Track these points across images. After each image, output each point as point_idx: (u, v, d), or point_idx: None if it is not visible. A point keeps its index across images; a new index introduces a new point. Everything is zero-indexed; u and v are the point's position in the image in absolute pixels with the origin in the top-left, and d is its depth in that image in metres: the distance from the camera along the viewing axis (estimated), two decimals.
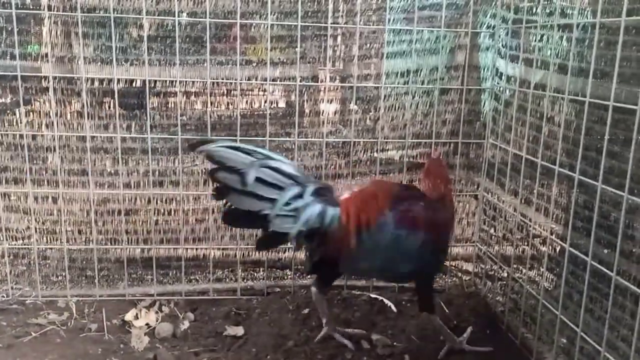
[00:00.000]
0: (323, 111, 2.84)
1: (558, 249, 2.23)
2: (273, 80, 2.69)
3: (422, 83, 2.79)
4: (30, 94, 2.58)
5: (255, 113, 2.79)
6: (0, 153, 2.63)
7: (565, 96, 2.04)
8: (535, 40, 2.34)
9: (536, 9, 2.34)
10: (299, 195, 1.97)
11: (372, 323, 2.55)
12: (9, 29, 2.46)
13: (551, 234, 2.25)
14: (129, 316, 2.55)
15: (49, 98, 2.56)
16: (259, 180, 1.90)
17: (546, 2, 2.26)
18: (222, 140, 2.06)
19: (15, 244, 2.74)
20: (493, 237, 2.77)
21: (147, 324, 2.52)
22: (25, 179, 2.61)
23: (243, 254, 2.87)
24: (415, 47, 2.69)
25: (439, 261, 2.27)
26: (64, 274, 2.72)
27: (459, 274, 3.03)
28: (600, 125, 1.92)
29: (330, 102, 2.85)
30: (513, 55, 2.51)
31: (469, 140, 2.85)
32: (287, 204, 1.94)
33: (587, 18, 2.07)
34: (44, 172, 2.67)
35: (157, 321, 2.54)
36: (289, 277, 2.90)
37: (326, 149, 2.76)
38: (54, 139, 2.61)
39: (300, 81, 2.67)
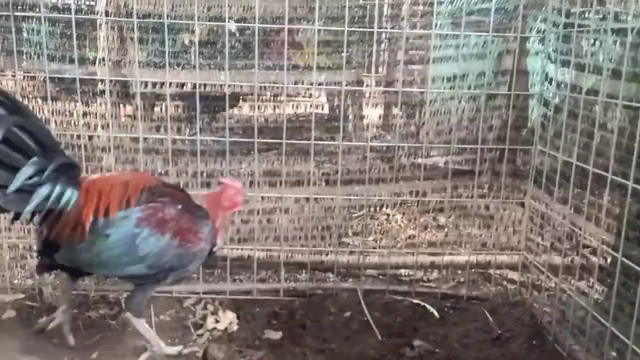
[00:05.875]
0: (367, 115, 2.85)
1: (609, 259, 2.17)
2: (319, 85, 2.72)
3: (469, 88, 2.77)
4: (88, 96, 2.70)
5: (301, 117, 2.82)
6: None
7: (619, 102, 1.99)
8: (587, 45, 2.29)
9: (588, 13, 2.29)
10: (41, 170, 1.77)
11: (414, 329, 2.53)
12: (68, 33, 2.58)
13: (602, 243, 2.19)
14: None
15: (105, 100, 2.67)
16: (4, 141, 1.69)
17: (599, 7, 2.21)
18: None
19: None
20: (540, 245, 2.71)
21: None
22: None
23: (287, 256, 2.90)
24: (462, 52, 2.68)
25: (179, 271, 2.06)
26: None
27: (504, 283, 2.98)
28: None
29: (375, 107, 2.86)
30: (564, 60, 2.46)
31: (516, 146, 2.80)
32: (29, 177, 1.73)
33: None
34: (99, 172, 2.77)
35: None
36: (332, 279, 2.92)
37: (370, 153, 2.77)
38: (109, 140, 2.71)
39: (346, 86, 2.69)
